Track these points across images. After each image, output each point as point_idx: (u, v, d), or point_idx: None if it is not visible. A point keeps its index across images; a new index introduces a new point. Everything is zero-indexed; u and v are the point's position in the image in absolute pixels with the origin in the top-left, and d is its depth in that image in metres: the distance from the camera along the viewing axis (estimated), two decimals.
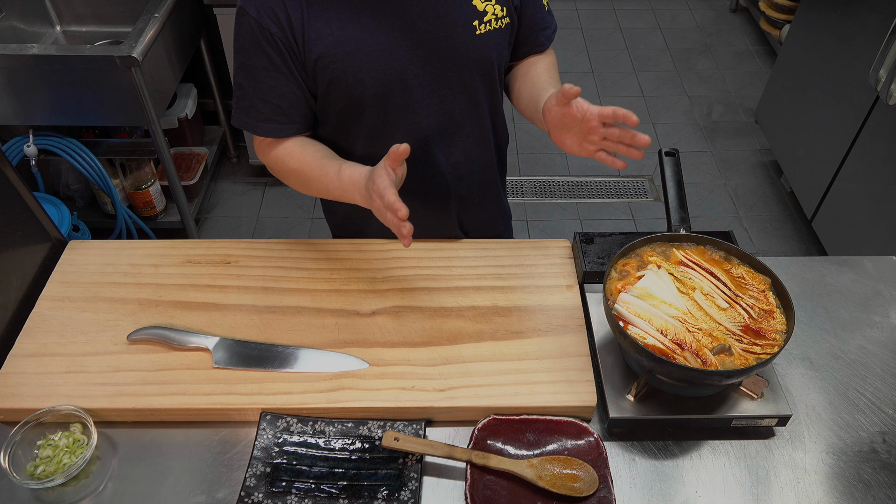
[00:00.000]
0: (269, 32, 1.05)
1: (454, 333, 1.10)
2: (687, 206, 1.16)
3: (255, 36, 1.06)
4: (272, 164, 1.20)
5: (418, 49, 1.10)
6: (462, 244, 1.26)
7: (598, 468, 0.95)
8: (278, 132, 1.15)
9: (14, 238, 1.16)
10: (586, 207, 2.87)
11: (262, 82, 1.10)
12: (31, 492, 0.95)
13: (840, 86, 2.40)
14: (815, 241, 2.65)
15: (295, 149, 1.16)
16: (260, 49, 1.07)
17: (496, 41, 1.15)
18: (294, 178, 1.18)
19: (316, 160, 1.14)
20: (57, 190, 2.60)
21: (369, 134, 1.17)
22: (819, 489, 0.96)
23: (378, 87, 1.11)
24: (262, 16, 1.05)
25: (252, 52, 1.08)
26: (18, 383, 1.03)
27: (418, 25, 1.08)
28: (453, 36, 1.10)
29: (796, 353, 1.12)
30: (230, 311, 1.14)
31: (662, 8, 4.06)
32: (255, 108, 1.13)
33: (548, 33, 1.25)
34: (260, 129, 1.14)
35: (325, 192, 1.15)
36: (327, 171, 1.12)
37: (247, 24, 1.06)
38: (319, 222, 2.78)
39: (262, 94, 1.11)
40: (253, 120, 1.14)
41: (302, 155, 1.15)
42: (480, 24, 1.11)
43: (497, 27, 1.13)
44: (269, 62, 1.08)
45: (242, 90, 1.13)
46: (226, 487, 0.95)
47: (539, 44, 1.24)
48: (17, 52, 1.99)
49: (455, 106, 1.18)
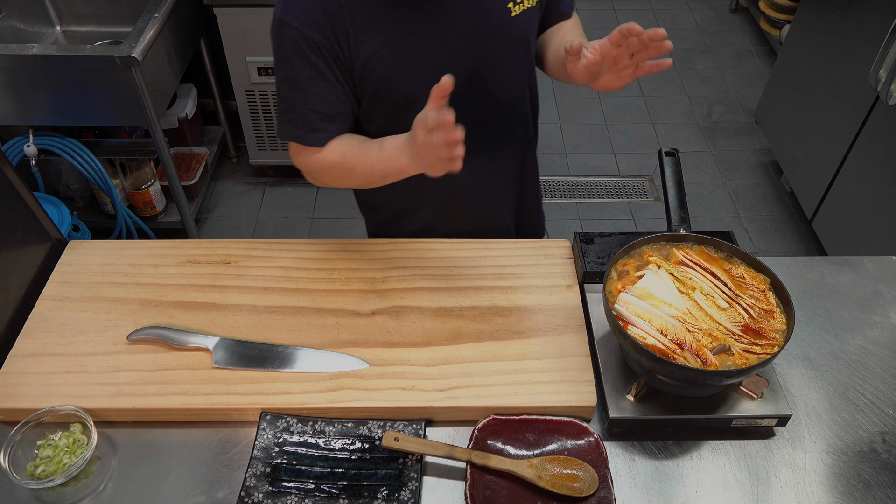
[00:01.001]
0: (312, 41, 1.05)
1: (454, 333, 1.10)
2: (687, 206, 1.16)
3: (299, 46, 1.06)
4: (311, 168, 1.18)
5: (460, 38, 1.11)
6: (462, 244, 1.26)
7: (598, 468, 0.95)
8: (324, 140, 1.14)
9: (14, 238, 1.16)
10: (586, 207, 2.87)
11: (307, 92, 1.10)
12: (31, 492, 0.95)
13: (840, 86, 2.40)
14: (815, 241, 2.65)
15: (332, 145, 1.16)
16: (304, 59, 1.07)
17: (530, 19, 1.17)
18: (336, 171, 1.17)
19: (355, 146, 1.14)
20: (57, 190, 2.60)
21: None
22: (819, 489, 0.96)
23: (427, 81, 1.11)
24: (305, 25, 1.04)
25: (297, 63, 1.08)
26: (18, 383, 1.03)
27: (457, 15, 1.09)
28: (492, 21, 1.11)
29: (796, 353, 1.12)
30: (230, 311, 1.14)
31: (662, 8, 4.06)
32: (302, 120, 1.12)
33: (568, 1, 1.26)
34: (309, 140, 1.13)
35: (370, 171, 1.13)
36: (368, 149, 1.12)
37: (289, 35, 1.06)
38: (319, 222, 2.78)
39: (308, 103, 1.11)
40: (301, 131, 1.13)
41: (341, 147, 1.15)
42: (515, 5, 1.13)
43: (530, 6, 1.15)
44: (314, 71, 1.08)
45: (287, 102, 1.12)
46: (226, 487, 0.95)
47: (562, 13, 1.26)
48: (17, 52, 1.99)
49: (500, 91, 1.19)
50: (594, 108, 3.33)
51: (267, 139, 2.76)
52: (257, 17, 2.37)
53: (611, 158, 3.08)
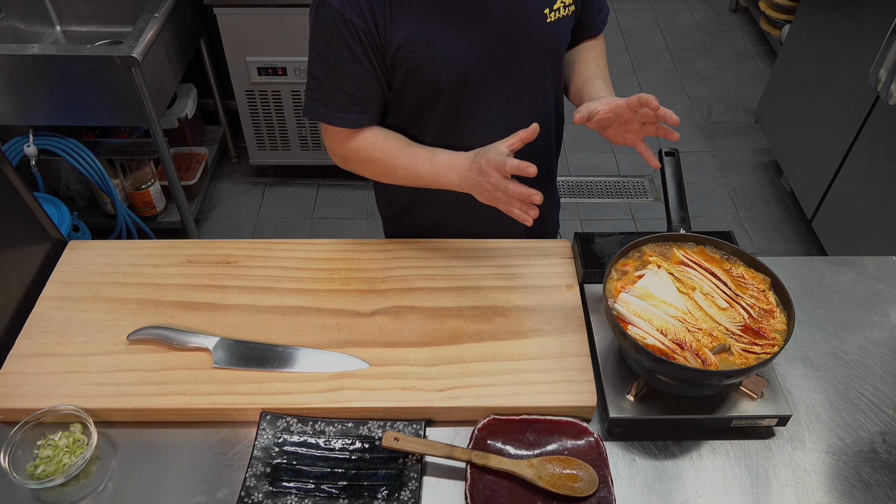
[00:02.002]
0: (351, 24, 1.06)
1: (454, 333, 1.10)
2: (687, 206, 1.16)
3: (337, 27, 1.07)
4: (349, 155, 1.20)
5: (493, 38, 1.11)
6: (462, 244, 1.26)
7: (598, 468, 0.95)
8: (354, 122, 1.15)
9: (14, 238, 1.16)
10: (586, 207, 2.87)
11: (341, 73, 1.11)
12: (31, 492, 0.95)
13: (840, 86, 2.40)
14: (815, 241, 2.65)
15: (377, 139, 1.17)
16: (341, 40, 1.08)
17: (564, 28, 1.17)
18: (377, 166, 1.19)
19: (401, 147, 1.16)
20: (57, 190, 2.60)
21: (441, 122, 1.18)
22: (819, 489, 0.96)
23: (456, 76, 1.13)
24: (346, 7, 1.06)
25: (333, 44, 1.09)
26: (18, 383, 1.03)
27: (494, 14, 1.10)
28: (526, 24, 1.12)
29: (796, 353, 1.12)
30: (230, 311, 1.14)
31: (662, 8, 4.06)
32: (332, 99, 1.13)
33: (602, 16, 1.28)
34: (336, 119, 1.15)
35: (415, 178, 1.16)
36: (418, 157, 1.15)
37: (328, 16, 1.07)
38: (319, 222, 2.78)
39: (341, 84, 1.12)
40: (329, 111, 1.14)
41: (386, 144, 1.17)
42: (551, 11, 1.13)
43: (565, 14, 1.15)
44: (350, 53, 1.09)
45: (318, 81, 1.13)
46: (226, 487, 0.95)
47: (595, 27, 1.27)
48: (17, 52, 1.99)
49: (525, 94, 1.19)
50: None
51: (267, 139, 2.76)
52: (257, 17, 2.38)
53: (611, 158, 3.08)
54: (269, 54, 2.48)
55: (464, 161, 1.10)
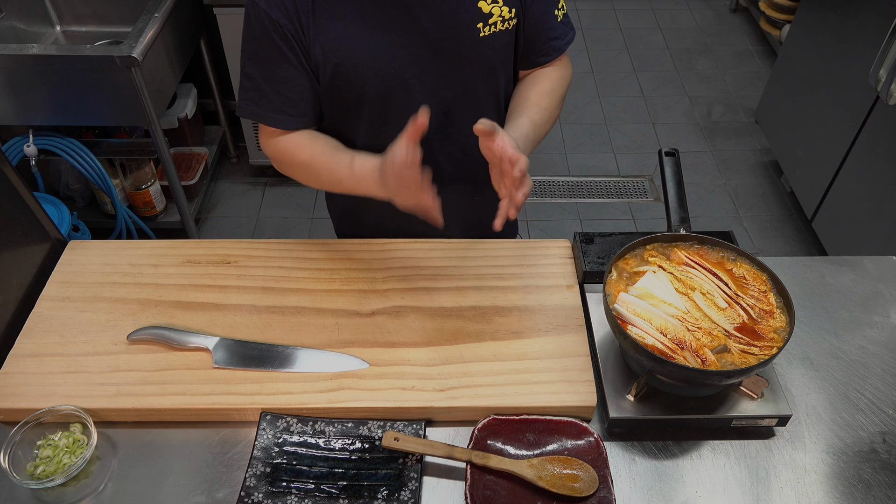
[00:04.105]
0: (278, 24, 1.05)
1: (454, 333, 1.10)
2: (687, 206, 1.16)
3: (266, 27, 1.06)
4: (279, 157, 1.19)
5: (421, 49, 1.10)
6: (462, 244, 1.25)
7: (598, 468, 0.95)
8: (288, 123, 1.15)
9: (14, 238, 1.16)
10: (586, 207, 2.87)
11: (274, 73, 1.10)
12: (31, 492, 0.95)
13: (840, 86, 2.40)
14: (815, 241, 2.65)
15: (304, 141, 1.16)
16: (271, 41, 1.07)
17: (501, 43, 1.14)
18: (303, 170, 1.18)
19: (327, 152, 1.14)
20: (57, 190, 2.60)
21: (369, 128, 1.18)
22: (819, 489, 0.96)
23: (379, 86, 1.11)
24: (272, 8, 1.05)
25: (264, 44, 1.08)
26: (18, 383, 1.03)
27: (423, 26, 1.08)
28: (456, 38, 1.10)
29: (796, 353, 1.12)
30: (230, 311, 1.14)
31: (662, 8, 4.06)
32: (265, 98, 1.12)
33: (558, 43, 1.20)
34: (270, 120, 1.14)
35: (337, 184, 1.14)
36: (339, 162, 1.12)
37: (257, 16, 1.06)
38: (319, 222, 2.78)
39: (274, 84, 1.11)
40: (263, 110, 1.13)
41: (312, 148, 1.15)
42: (485, 26, 1.11)
43: (503, 28, 1.13)
44: (280, 54, 1.08)
45: (252, 80, 1.12)
46: (226, 487, 0.95)
47: (544, 53, 1.21)
48: (17, 52, 1.99)
49: (455, 106, 1.18)
50: (594, 108, 3.33)
51: None
52: None
53: (611, 158, 3.09)
54: None
55: (375, 167, 1.05)
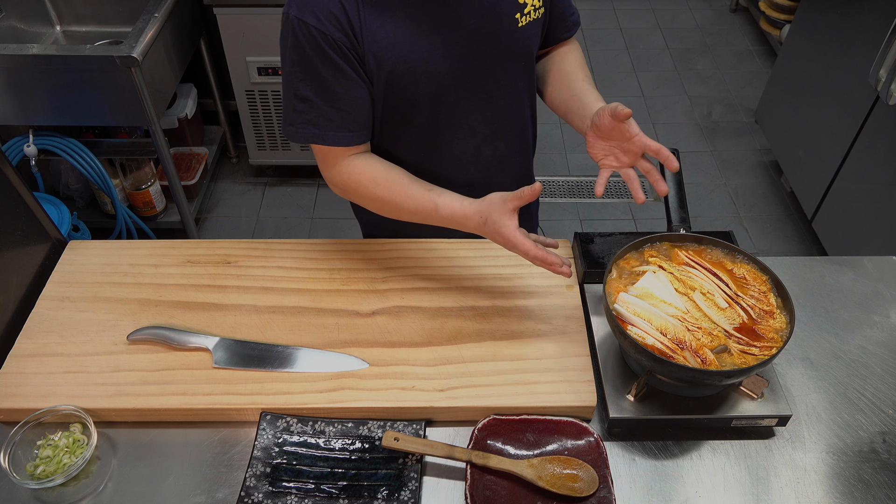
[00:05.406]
0: (332, 39, 1.02)
1: (454, 333, 1.10)
2: (687, 206, 1.16)
3: (319, 44, 1.03)
4: (350, 188, 1.15)
5: (467, 46, 1.10)
6: (462, 244, 1.26)
7: (598, 468, 0.95)
8: (350, 140, 1.11)
9: (14, 238, 1.16)
10: (586, 207, 2.87)
11: (331, 91, 1.07)
12: (31, 492, 0.95)
13: (840, 86, 2.40)
14: (815, 241, 2.65)
15: (378, 174, 1.12)
16: (326, 57, 1.04)
17: (535, 31, 1.17)
18: (378, 204, 1.15)
19: (405, 188, 1.11)
20: (57, 190, 2.60)
21: (419, 131, 1.17)
22: (819, 489, 0.96)
23: (432, 87, 1.11)
24: (324, 23, 1.02)
25: (317, 62, 1.04)
26: (18, 383, 1.03)
27: (467, 22, 1.08)
28: (499, 30, 1.11)
29: (796, 353, 1.12)
30: (230, 311, 1.14)
31: (662, 8, 4.06)
32: (324, 118, 1.08)
33: (575, 18, 1.26)
34: (330, 139, 1.10)
35: (422, 221, 1.13)
36: (421, 203, 1.10)
37: (307, 35, 1.03)
38: (319, 222, 2.78)
39: (332, 101, 1.07)
40: (323, 131, 1.09)
41: (388, 182, 1.12)
42: (522, 16, 1.12)
43: (535, 17, 1.15)
44: (336, 69, 1.05)
45: (307, 102, 1.08)
46: (226, 487, 0.95)
47: (567, 29, 1.25)
48: (17, 52, 1.99)
49: (500, 100, 1.19)
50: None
51: (267, 139, 2.76)
52: (257, 16, 2.38)
53: None
54: (269, 54, 2.48)
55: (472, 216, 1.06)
